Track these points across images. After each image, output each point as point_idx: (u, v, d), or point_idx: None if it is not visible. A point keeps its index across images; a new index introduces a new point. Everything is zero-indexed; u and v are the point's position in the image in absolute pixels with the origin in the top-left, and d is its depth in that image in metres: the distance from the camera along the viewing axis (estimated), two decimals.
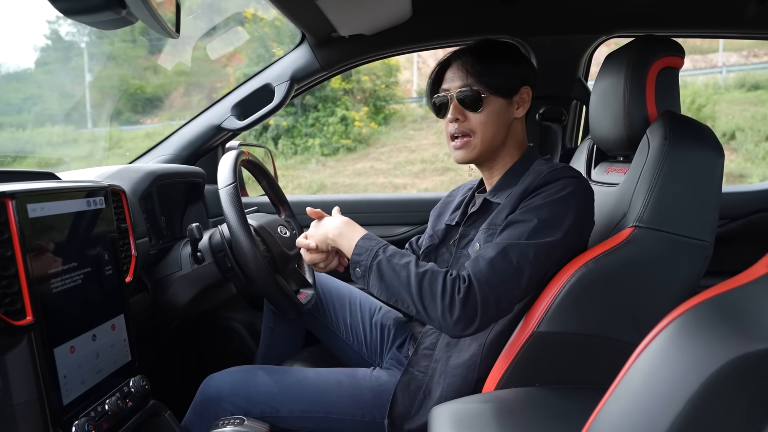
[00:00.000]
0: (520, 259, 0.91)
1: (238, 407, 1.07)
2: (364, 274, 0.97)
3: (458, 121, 1.06)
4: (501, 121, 1.07)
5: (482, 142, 1.07)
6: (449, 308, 0.89)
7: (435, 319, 0.92)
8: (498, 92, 1.05)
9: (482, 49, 1.08)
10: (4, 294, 0.75)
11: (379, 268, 0.96)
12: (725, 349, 0.36)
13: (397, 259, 0.96)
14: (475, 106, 1.05)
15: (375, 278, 0.96)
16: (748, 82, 8.92)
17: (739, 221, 1.68)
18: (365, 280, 0.98)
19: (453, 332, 0.92)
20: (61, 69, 9.87)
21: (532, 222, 0.93)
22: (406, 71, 10.69)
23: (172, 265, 1.26)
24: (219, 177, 1.17)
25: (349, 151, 9.27)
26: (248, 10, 6.08)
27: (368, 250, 0.98)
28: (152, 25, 0.79)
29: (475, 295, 0.89)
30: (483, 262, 0.92)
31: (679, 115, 1.00)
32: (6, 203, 0.76)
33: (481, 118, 1.05)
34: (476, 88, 1.04)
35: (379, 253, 0.97)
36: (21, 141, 7.88)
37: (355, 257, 0.99)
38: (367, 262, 0.97)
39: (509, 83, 1.06)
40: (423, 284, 0.92)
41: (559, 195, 0.95)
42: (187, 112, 10.07)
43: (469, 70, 1.05)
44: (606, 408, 0.45)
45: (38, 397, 0.78)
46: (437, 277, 0.92)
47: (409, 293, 0.92)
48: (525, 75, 1.09)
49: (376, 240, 1.01)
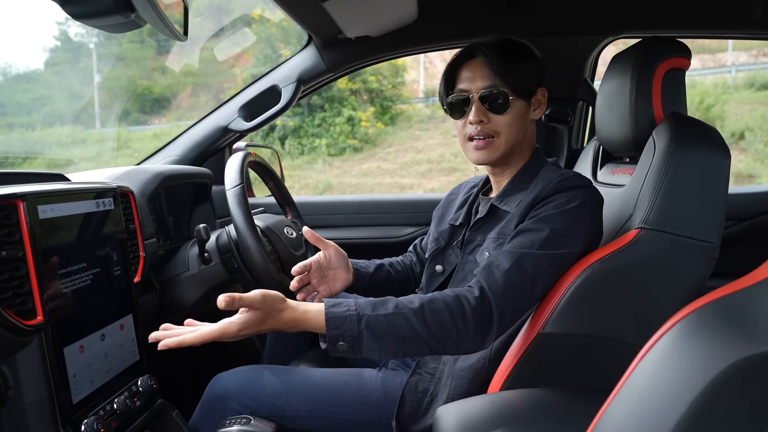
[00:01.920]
0: (534, 269, 0.90)
1: (245, 406, 1.07)
2: (353, 344, 0.83)
3: (482, 123, 1.02)
4: (523, 124, 1.05)
5: (506, 143, 1.03)
6: (463, 326, 0.85)
7: (451, 345, 0.86)
8: (522, 94, 1.02)
9: (505, 48, 1.03)
10: (15, 294, 0.76)
11: (370, 329, 0.83)
12: (730, 351, 0.36)
13: (382, 309, 0.85)
14: (502, 107, 1.01)
15: (371, 342, 0.84)
16: (757, 81, 8.85)
17: (746, 222, 1.67)
18: (356, 349, 0.84)
19: (472, 349, 0.88)
20: (70, 70, 9.95)
21: (544, 231, 0.92)
22: (412, 71, 10.69)
23: (179, 266, 1.27)
24: (226, 178, 1.18)
25: (356, 152, 9.28)
26: (255, 11, 6.11)
27: (346, 317, 0.84)
28: (160, 28, 0.80)
29: (490, 307, 0.86)
30: (498, 273, 0.89)
31: (686, 117, 0.99)
32: (17, 204, 0.77)
33: (506, 120, 1.01)
34: (503, 90, 1.00)
35: (362, 315, 0.84)
36: (30, 141, 7.95)
37: (334, 332, 0.83)
38: (354, 330, 0.83)
39: (531, 84, 1.03)
40: (426, 318, 0.84)
41: (570, 206, 0.94)
42: (194, 113, 10.13)
43: (496, 70, 0.99)
44: (610, 409, 0.45)
45: (48, 396, 0.79)
46: (436, 304, 0.86)
47: (417, 336, 0.84)
48: (542, 76, 1.06)
49: (343, 302, 0.86)
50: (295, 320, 0.84)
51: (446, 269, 1.15)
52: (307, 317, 0.84)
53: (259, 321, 0.82)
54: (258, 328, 0.82)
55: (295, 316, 0.84)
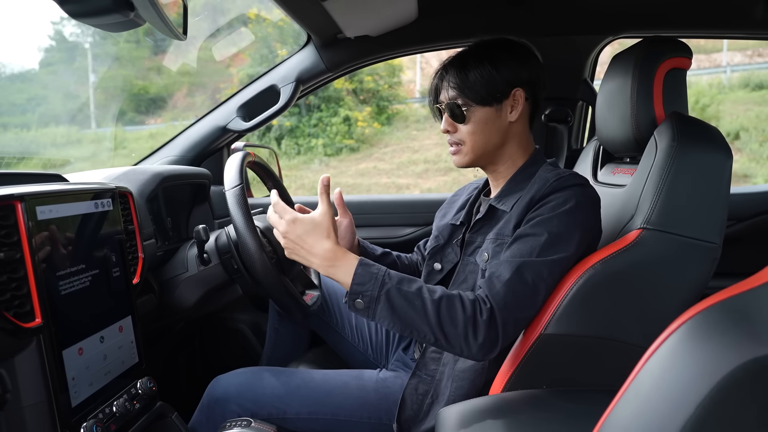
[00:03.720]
0: (535, 278, 0.90)
1: (245, 409, 1.07)
2: (369, 305, 0.89)
3: (449, 132, 1.08)
4: (492, 129, 1.05)
5: (472, 150, 1.07)
6: (473, 332, 0.87)
7: (456, 345, 0.88)
8: (481, 102, 1.03)
9: (463, 59, 1.06)
10: (14, 296, 0.75)
11: (388, 298, 0.88)
12: (736, 353, 0.36)
13: (407, 285, 0.90)
14: (461, 117, 1.05)
15: (385, 310, 0.89)
16: (752, 81, 8.88)
17: (745, 222, 1.68)
18: (370, 311, 0.90)
19: (476, 356, 0.89)
20: (65, 70, 9.91)
21: (542, 236, 0.92)
22: (409, 71, 10.69)
23: (178, 267, 1.26)
24: (225, 179, 1.17)
25: (352, 152, 9.28)
26: (251, 11, 6.09)
27: (372, 278, 0.90)
28: (160, 28, 0.79)
29: (496, 319, 0.88)
30: (499, 284, 0.90)
31: (687, 117, 0.99)
32: (15, 206, 0.76)
33: (469, 128, 1.05)
34: (459, 102, 1.04)
35: (386, 281, 0.89)
36: (25, 141, 7.91)
37: (356, 287, 0.90)
38: (374, 293, 0.89)
39: (491, 90, 1.03)
40: (441, 311, 0.87)
41: (566, 207, 0.94)
42: (190, 113, 10.09)
43: (451, 84, 1.05)
44: (616, 410, 0.45)
45: (47, 399, 0.78)
46: (454, 302, 0.88)
47: (427, 323, 0.88)
48: (515, 77, 1.03)
49: (376, 266, 0.92)
50: (334, 255, 0.92)
51: (444, 267, 1.15)
52: (343, 261, 0.91)
53: (311, 229, 0.91)
54: (303, 240, 0.91)
55: (337, 250, 0.92)
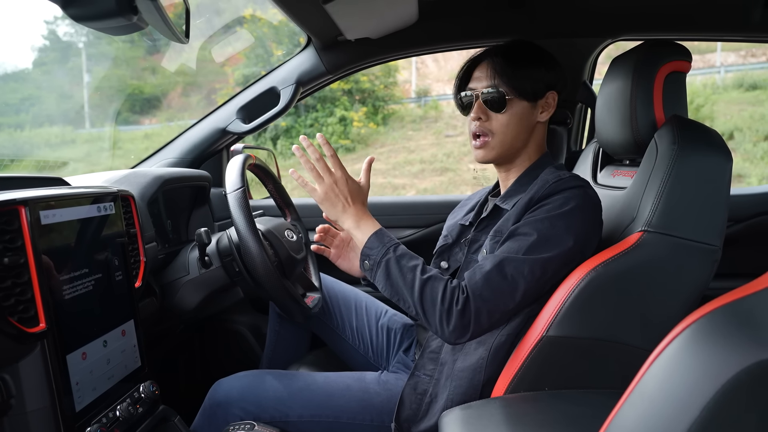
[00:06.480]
0: (515, 273, 0.93)
1: (248, 412, 1.07)
2: (372, 268, 1.01)
3: (480, 120, 1.08)
4: (523, 124, 1.08)
5: (501, 144, 1.08)
6: (446, 316, 0.93)
7: (433, 324, 0.95)
8: (523, 95, 1.06)
9: (513, 50, 1.08)
10: (18, 301, 0.75)
11: (387, 266, 0.98)
12: (740, 356, 0.36)
13: (406, 260, 0.99)
14: (499, 106, 1.06)
15: (382, 275, 0.99)
16: (746, 82, 8.93)
17: (743, 224, 1.69)
18: (372, 274, 1.01)
19: (448, 339, 0.95)
20: (59, 69, 9.84)
21: (531, 236, 0.94)
22: (404, 71, 10.69)
23: (179, 270, 1.26)
24: (227, 181, 1.17)
25: (348, 152, 9.26)
26: (247, 11, 6.07)
27: (379, 246, 1.00)
28: (163, 31, 0.79)
29: (470, 307, 0.92)
30: (479, 275, 0.94)
31: (687, 120, 1.00)
32: (19, 210, 0.76)
33: (503, 119, 1.07)
34: (502, 90, 1.05)
35: (389, 252, 0.99)
36: (19, 142, 7.85)
37: (366, 250, 1.02)
38: (377, 258, 1.00)
39: (535, 87, 1.07)
40: (425, 290, 0.94)
41: (563, 209, 0.95)
42: (185, 113, 10.04)
43: (497, 71, 1.06)
44: (621, 413, 0.45)
45: (51, 404, 0.78)
46: (438, 285, 0.94)
47: (412, 296, 0.95)
48: (553, 80, 1.09)
49: (388, 237, 1.02)
50: (364, 215, 1.04)
51: (451, 266, 1.17)
52: (367, 224, 1.03)
53: (357, 189, 1.04)
54: (348, 193, 1.03)
55: (367, 213, 1.05)
